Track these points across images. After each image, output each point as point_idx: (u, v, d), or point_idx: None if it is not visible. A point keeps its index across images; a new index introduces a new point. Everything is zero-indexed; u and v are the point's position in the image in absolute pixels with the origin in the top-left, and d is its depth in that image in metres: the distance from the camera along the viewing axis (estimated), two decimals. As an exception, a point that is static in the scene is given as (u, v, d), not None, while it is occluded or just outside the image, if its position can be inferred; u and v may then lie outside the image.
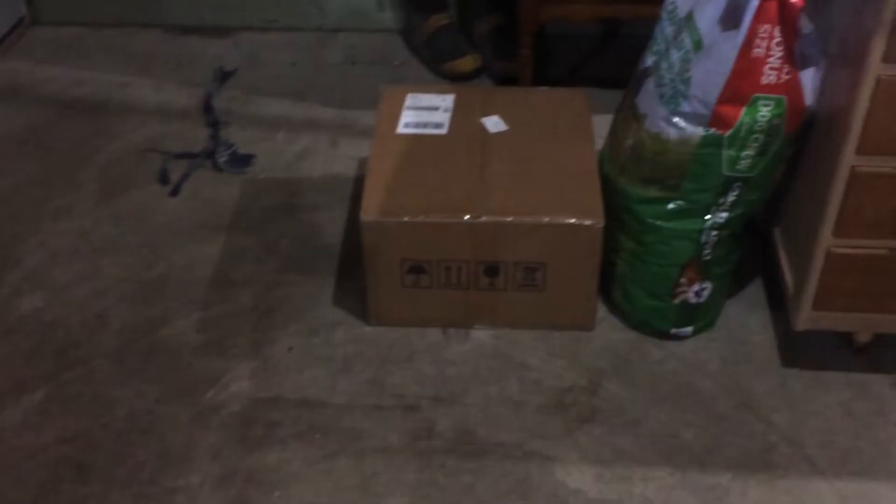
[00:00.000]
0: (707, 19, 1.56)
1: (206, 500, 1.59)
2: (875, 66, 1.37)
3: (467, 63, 2.53)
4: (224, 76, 2.62)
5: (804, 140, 1.65)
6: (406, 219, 1.74)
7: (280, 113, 2.51)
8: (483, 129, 1.92)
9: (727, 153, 1.59)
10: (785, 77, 1.53)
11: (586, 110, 1.97)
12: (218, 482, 1.62)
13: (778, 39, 1.49)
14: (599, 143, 1.90)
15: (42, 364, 1.82)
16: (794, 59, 1.53)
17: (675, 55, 1.62)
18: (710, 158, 1.60)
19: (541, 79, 2.44)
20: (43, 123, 2.46)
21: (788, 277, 1.74)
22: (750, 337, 1.86)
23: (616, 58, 2.61)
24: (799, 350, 1.81)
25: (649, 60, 1.72)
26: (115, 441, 1.69)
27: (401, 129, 1.92)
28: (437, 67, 2.57)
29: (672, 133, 1.62)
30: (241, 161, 2.32)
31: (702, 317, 1.83)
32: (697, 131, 1.59)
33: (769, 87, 1.53)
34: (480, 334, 1.87)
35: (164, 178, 2.27)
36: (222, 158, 2.32)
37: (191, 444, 1.68)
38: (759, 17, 1.47)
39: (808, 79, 1.56)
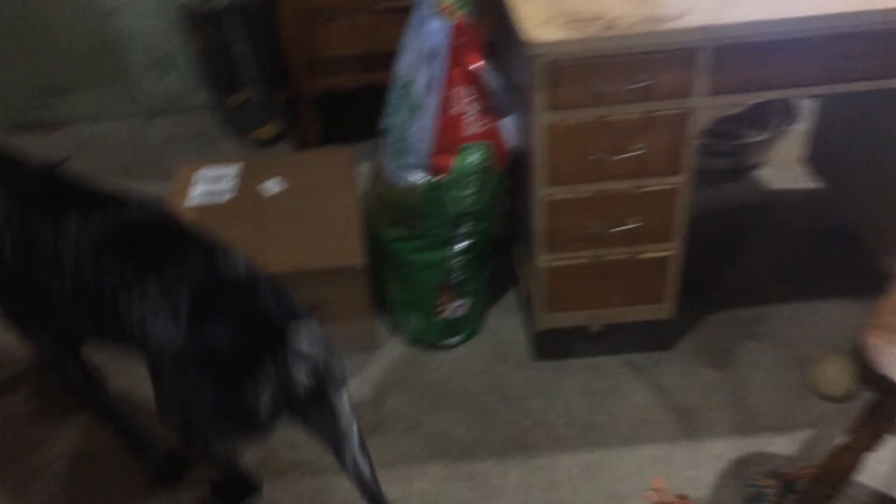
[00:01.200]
0: (419, 87, 1.55)
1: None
2: (543, 115, 1.39)
3: (268, 131, 2.47)
4: (55, 166, 2.48)
5: (518, 173, 1.67)
6: (195, 282, 1.68)
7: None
8: (262, 193, 1.87)
9: (450, 194, 1.59)
10: (485, 127, 1.54)
11: (350, 166, 1.94)
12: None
13: (470, 98, 1.50)
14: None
15: None
16: (492, 110, 1.54)
17: (401, 117, 1.61)
18: (436, 201, 1.60)
19: (332, 136, 2.41)
20: None
21: (527, 287, 1.76)
22: (507, 338, 1.87)
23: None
24: (546, 344, 1.82)
25: (386, 122, 1.71)
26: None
27: (189, 202, 1.86)
28: (244, 137, 2.51)
29: (403, 183, 1.61)
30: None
31: (465, 327, 1.83)
32: (421, 180, 1.59)
33: (473, 137, 1.54)
34: (283, 368, 1.82)
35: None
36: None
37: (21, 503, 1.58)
38: (449, 82, 1.48)
39: (508, 124, 1.58)
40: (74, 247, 1.17)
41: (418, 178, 1.58)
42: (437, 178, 1.57)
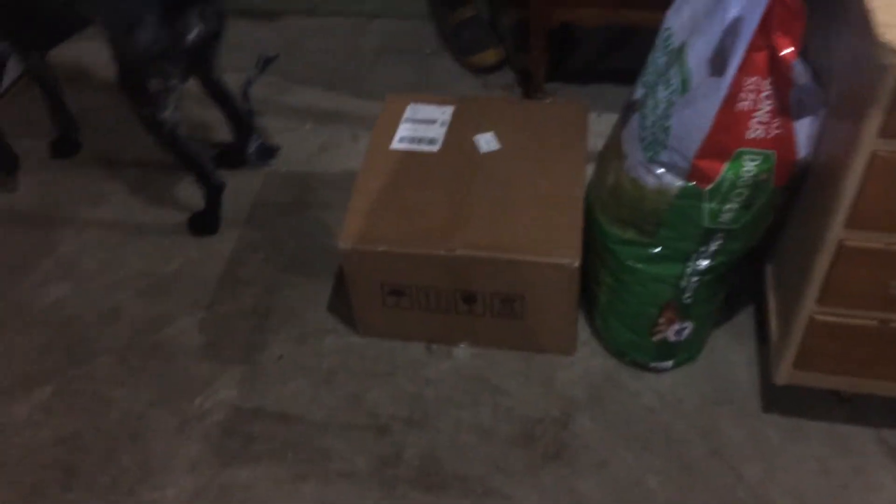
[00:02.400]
0: (697, 57, 1.19)
1: (176, 516, 1.41)
2: (871, 140, 1.00)
3: (489, 57, 2.17)
4: (266, 62, 2.32)
5: (799, 189, 1.29)
6: (382, 248, 1.46)
7: (310, 102, 2.22)
8: (475, 147, 1.60)
9: (708, 206, 1.24)
10: (775, 131, 1.16)
11: (582, 130, 1.62)
12: (190, 497, 1.42)
13: (767, 92, 1.12)
14: (601, 142, 1.51)
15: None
16: (788, 109, 1.15)
17: (662, 93, 1.26)
18: (689, 210, 1.26)
19: (558, 73, 2.09)
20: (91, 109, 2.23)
21: (773, 325, 1.39)
22: (732, 373, 1.53)
23: (637, 51, 2.20)
24: (781, 393, 1.47)
25: (639, 92, 1.36)
26: (104, 445, 1.50)
27: (395, 145, 1.62)
28: (462, 59, 2.23)
29: (650, 181, 1.27)
30: (267, 153, 2.06)
31: (683, 352, 1.51)
32: (676, 183, 1.24)
33: (756, 142, 1.17)
34: (462, 353, 1.60)
35: (196, 168, 2.03)
36: (250, 150, 2.05)
37: (172, 453, 1.48)
38: (745, 68, 1.10)
39: (804, 128, 1.19)
40: None
41: (672, 180, 1.24)
42: (699, 185, 1.22)
